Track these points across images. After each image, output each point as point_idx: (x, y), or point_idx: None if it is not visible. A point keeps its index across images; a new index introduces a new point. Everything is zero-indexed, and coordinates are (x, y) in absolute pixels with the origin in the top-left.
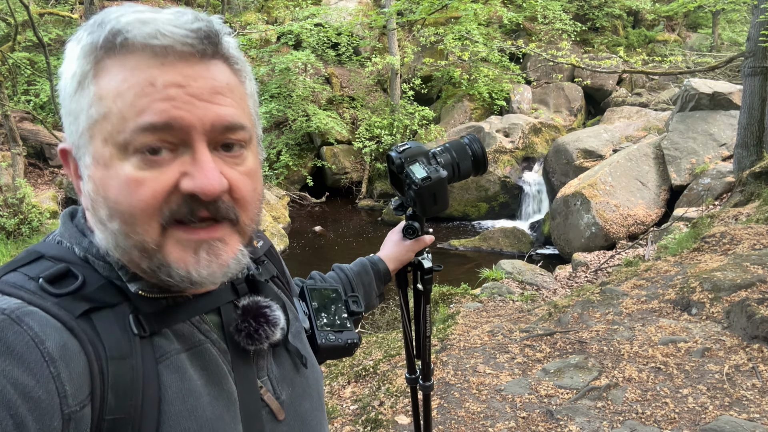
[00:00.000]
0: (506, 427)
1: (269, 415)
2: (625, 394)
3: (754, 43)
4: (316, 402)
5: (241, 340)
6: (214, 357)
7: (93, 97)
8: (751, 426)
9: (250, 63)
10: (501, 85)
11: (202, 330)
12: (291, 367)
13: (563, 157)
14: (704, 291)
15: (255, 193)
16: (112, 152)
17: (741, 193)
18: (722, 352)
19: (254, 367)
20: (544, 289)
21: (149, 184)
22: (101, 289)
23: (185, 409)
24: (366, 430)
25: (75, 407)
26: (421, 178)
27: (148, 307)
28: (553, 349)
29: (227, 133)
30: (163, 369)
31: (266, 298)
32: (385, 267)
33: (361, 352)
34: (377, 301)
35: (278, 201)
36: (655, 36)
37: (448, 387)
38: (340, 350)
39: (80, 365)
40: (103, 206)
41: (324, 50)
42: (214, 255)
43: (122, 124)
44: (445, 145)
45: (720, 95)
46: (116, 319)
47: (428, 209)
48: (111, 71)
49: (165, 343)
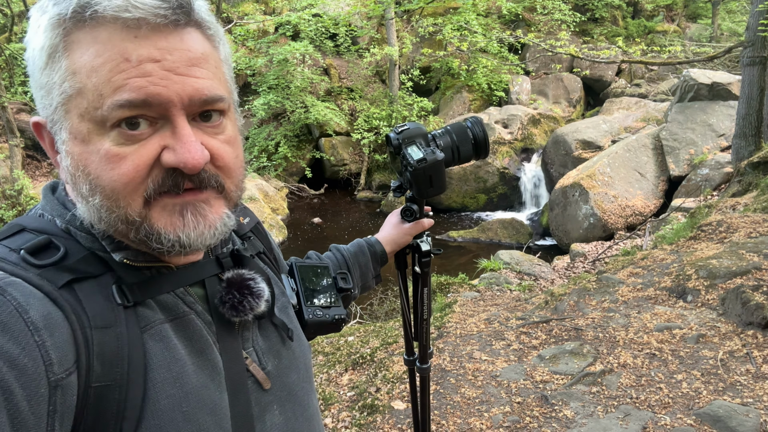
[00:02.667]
0: (501, 412)
1: (255, 385)
2: (619, 379)
3: (753, 32)
4: (303, 374)
5: (226, 311)
6: (199, 327)
7: (65, 71)
8: (744, 410)
9: (248, 54)
10: (500, 76)
11: (187, 301)
12: (277, 339)
13: (562, 148)
14: (700, 278)
15: (237, 160)
16: (89, 128)
17: (739, 183)
18: (717, 338)
19: (239, 338)
20: (542, 279)
21: (130, 158)
22: (83, 260)
23: (170, 376)
24: (363, 415)
25: (61, 374)
26: (417, 159)
27: (132, 277)
28: (548, 336)
29: (205, 106)
30: (148, 338)
31: (251, 271)
32: (382, 249)
33: (359, 340)
34: (374, 282)
35: (277, 193)
36: (654, 26)
37: (445, 373)
38: (328, 326)
39: (64, 334)
40: (83, 181)
41: (322, 41)
42: (201, 216)
43: (99, 100)
44: (446, 127)
45: (719, 86)
46: (99, 289)
47: (424, 191)
48: (82, 44)
49: (149, 313)
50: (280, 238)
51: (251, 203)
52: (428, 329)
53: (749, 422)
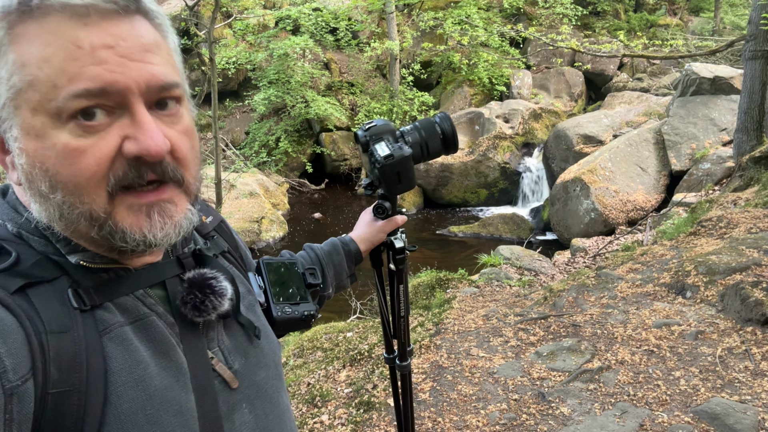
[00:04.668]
0: (498, 409)
1: (222, 385)
2: (617, 376)
3: (755, 26)
4: (272, 371)
5: (188, 312)
6: (161, 329)
7: (13, 65)
8: (742, 408)
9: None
10: (501, 71)
11: (147, 303)
12: (244, 338)
13: (563, 142)
14: (699, 274)
15: (194, 151)
16: (44, 121)
17: (740, 178)
18: (716, 335)
19: (204, 338)
20: (542, 274)
21: (90, 151)
22: (37, 265)
23: (132, 379)
24: (359, 412)
25: (16, 382)
26: (384, 156)
27: (88, 280)
28: (546, 332)
29: (162, 92)
30: (107, 341)
31: (212, 270)
32: (356, 247)
33: (358, 336)
34: (348, 281)
35: (277, 188)
36: (656, 20)
37: (441, 370)
38: (297, 322)
39: (18, 340)
40: (42, 179)
41: (323, 35)
42: (167, 216)
43: (53, 91)
44: (414, 123)
45: (721, 80)
46: (54, 293)
47: (392, 188)
48: (29, 35)
49: (108, 316)
50: (280, 233)
51: (252, 198)
52: (407, 326)
53: (747, 420)
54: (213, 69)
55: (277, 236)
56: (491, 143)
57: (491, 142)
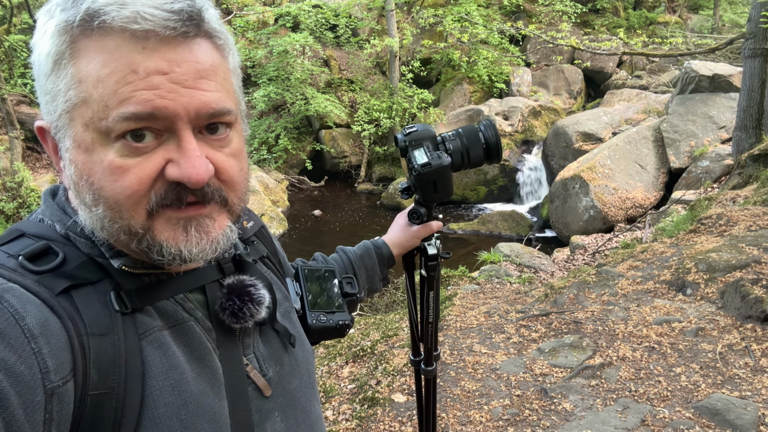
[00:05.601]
0: (501, 405)
1: (255, 392)
2: (618, 372)
3: (755, 24)
4: (305, 380)
5: (226, 318)
6: (198, 335)
7: (71, 79)
8: (742, 403)
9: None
10: (500, 68)
11: (186, 308)
12: (279, 345)
13: (562, 140)
14: (699, 272)
15: (242, 173)
16: (93, 137)
17: (739, 176)
18: (716, 331)
19: (240, 345)
20: (542, 271)
21: (134, 171)
22: (82, 266)
23: (168, 384)
24: (363, 408)
25: (57, 382)
26: (421, 164)
27: (131, 283)
28: (548, 329)
29: (212, 119)
30: (146, 345)
31: (252, 277)
32: (389, 251)
33: (360, 333)
34: (380, 285)
35: (277, 185)
36: (656, 17)
37: (444, 366)
38: (332, 331)
39: (61, 341)
40: (87, 191)
41: (322, 32)
42: (204, 232)
43: (104, 111)
44: (458, 130)
45: (720, 77)
46: (97, 295)
47: (428, 196)
48: (89, 53)
49: (147, 319)
50: (280, 230)
51: (251, 195)
52: (436, 332)
53: (747, 415)
54: None
55: (276, 233)
56: None
57: None
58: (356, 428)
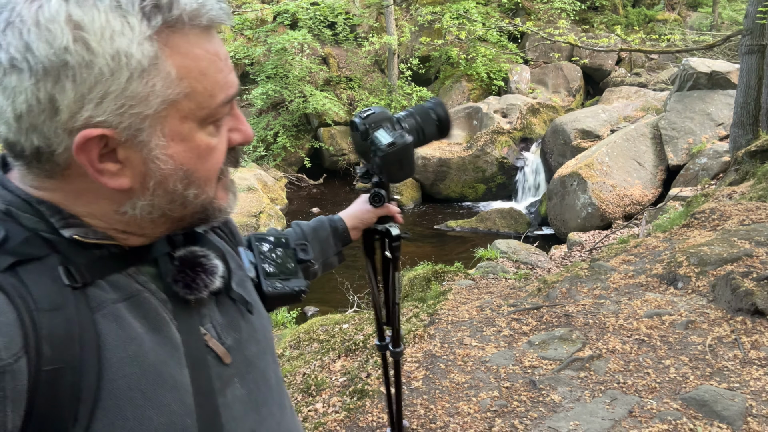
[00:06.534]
0: (489, 397)
1: (215, 360)
2: (607, 364)
3: (752, 20)
4: (263, 345)
5: (179, 289)
6: (154, 305)
7: (172, 78)
8: (730, 395)
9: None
10: (499, 66)
11: (139, 281)
12: (236, 313)
13: (561, 137)
14: (691, 265)
15: None
16: (191, 127)
17: (736, 172)
18: (706, 324)
19: (196, 315)
20: (539, 268)
21: (219, 147)
22: (26, 242)
23: (127, 355)
24: (353, 400)
25: (9, 360)
26: (386, 143)
27: (80, 258)
28: (539, 322)
29: None
30: (100, 318)
31: (203, 248)
32: (343, 225)
33: (354, 327)
34: (336, 260)
35: (276, 182)
36: (655, 15)
37: (435, 359)
38: (288, 298)
39: (10, 318)
40: (180, 179)
41: (321, 30)
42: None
43: (209, 101)
44: (409, 110)
45: (718, 74)
46: (45, 271)
47: (394, 175)
48: (180, 50)
49: (100, 293)
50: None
51: (250, 193)
52: (399, 313)
53: (734, 407)
54: None
55: None
56: (489, 138)
57: (489, 137)
58: (344, 419)
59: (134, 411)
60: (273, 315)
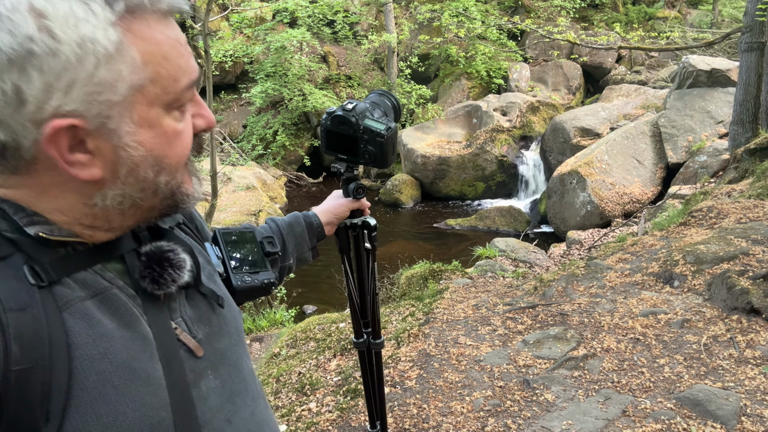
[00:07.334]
0: (483, 396)
1: (187, 353)
2: (602, 364)
3: (751, 17)
4: (234, 338)
5: (147, 285)
6: (123, 301)
7: (137, 64)
8: (724, 394)
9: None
10: (499, 63)
11: (107, 277)
12: (206, 307)
13: (560, 135)
14: (687, 264)
15: None
16: (158, 112)
17: (735, 170)
18: (701, 323)
19: (166, 309)
20: (537, 266)
21: (186, 132)
22: None
23: (97, 352)
24: (346, 400)
25: None
26: (383, 129)
27: (44, 256)
28: (534, 321)
29: None
30: (68, 316)
31: (170, 243)
32: (318, 220)
33: (350, 326)
34: (310, 255)
35: (275, 181)
36: (655, 13)
37: (429, 358)
38: (257, 290)
39: None
40: (151, 165)
41: (320, 28)
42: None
43: (173, 85)
44: (370, 99)
45: (718, 72)
46: (9, 271)
47: (389, 159)
48: (143, 35)
49: (67, 291)
50: None
51: (249, 191)
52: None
53: (729, 406)
54: (208, 62)
55: None
56: (489, 136)
57: (489, 135)
58: (337, 419)
59: (107, 407)
60: (272, 313)
